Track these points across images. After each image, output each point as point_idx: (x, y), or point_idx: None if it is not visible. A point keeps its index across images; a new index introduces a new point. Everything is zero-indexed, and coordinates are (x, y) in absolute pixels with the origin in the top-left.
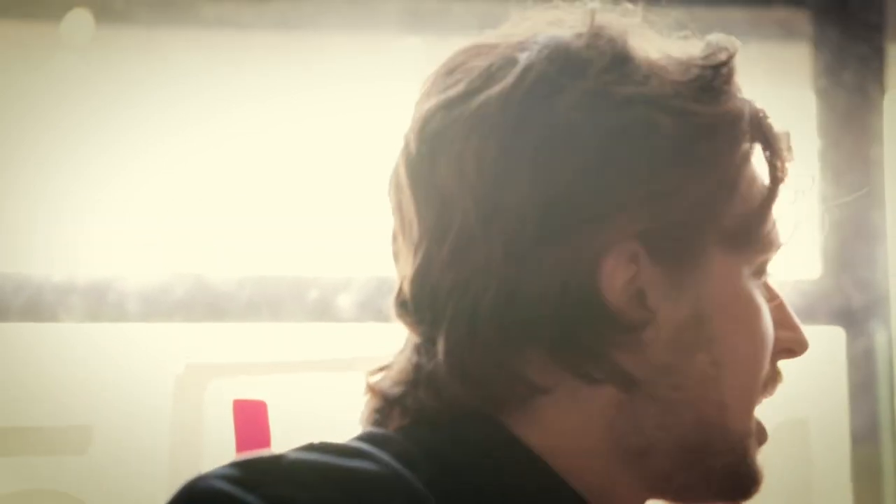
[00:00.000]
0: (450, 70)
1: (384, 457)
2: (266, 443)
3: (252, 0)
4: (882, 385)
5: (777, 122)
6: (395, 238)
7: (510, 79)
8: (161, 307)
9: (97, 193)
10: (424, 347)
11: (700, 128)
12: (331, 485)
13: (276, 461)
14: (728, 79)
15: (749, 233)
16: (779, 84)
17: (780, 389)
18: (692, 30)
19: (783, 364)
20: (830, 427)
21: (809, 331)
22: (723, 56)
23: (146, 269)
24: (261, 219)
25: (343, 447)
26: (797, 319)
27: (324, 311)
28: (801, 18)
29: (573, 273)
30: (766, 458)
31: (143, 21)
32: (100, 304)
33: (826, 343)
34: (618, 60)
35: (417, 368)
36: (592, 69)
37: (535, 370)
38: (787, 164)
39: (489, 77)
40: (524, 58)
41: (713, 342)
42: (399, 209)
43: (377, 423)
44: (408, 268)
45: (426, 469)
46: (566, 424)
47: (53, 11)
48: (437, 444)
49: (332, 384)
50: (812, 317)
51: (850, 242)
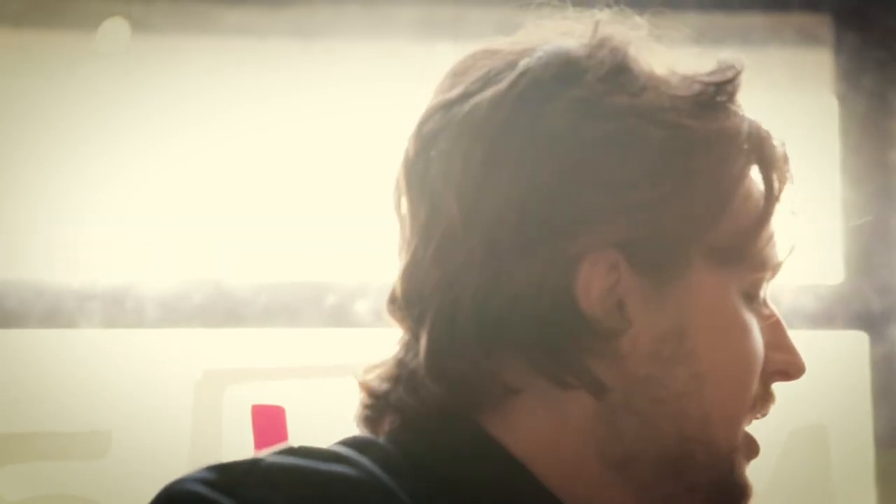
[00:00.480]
0: (454, 73)
1: (363, 461)
2: None
3: (267, 7)
4: None
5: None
6: (398, 237)
7: (504, 83)
8: (179, 313)
9: (114, 198)
10: (410, 345)
11: (693, 142)
12: (307, 489)
13: (254, 465)
14: (730, 96)
15: (739, 250)
16: (799, 89)
17: (801, 394)
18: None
19: (810, 368)
20: (853, 432)
21: (831, 335)
22: (729, 74)
23: (164, 276)
24: (278, 224)
25: (322, 451)
26: (793, 342)
27: (341, 317)
28: (822, 24)
29: (549, 278)
30: (786, 463)
31: (160, 29)
32: (118, 311)
33: (848, 347)
34: (615, 71)
35: (402, 365)
36: (587, 78)
37: (511, 372)
38: (785, 186)
39: (487, 81)
40: (522, 64)
41: (694, 356)
42: (398, 208)
43: (368, 421)
44: (400, 265)
45: (407, 474)
46: (542, 428)
47: (60, 18)
48: (419, 448)
49: (350, 389)
50: (834, 321)
51: (873, 247)
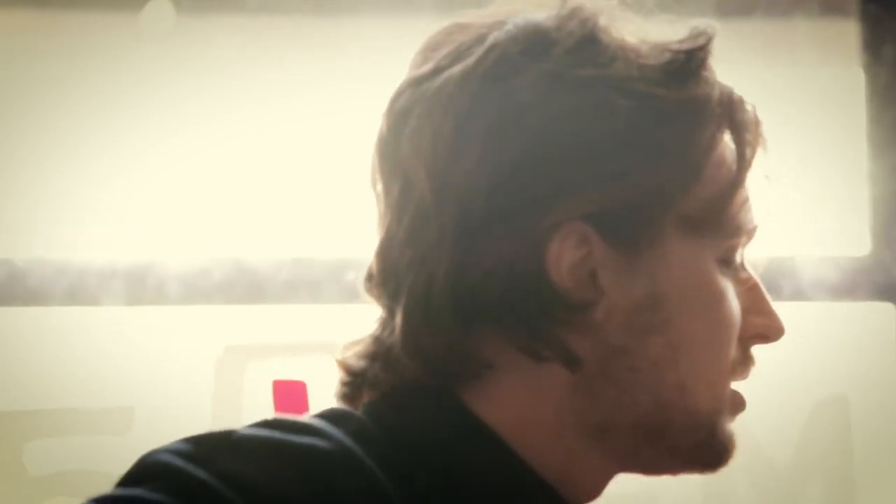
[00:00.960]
0: (426, 49)
1: (336, 433)
2: None
3: None
4: None
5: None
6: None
7: (472, 58)
8: (201, 290)
9: (138, 175)
10: (387, 322)
11: (662, 112)
12: (279, 460)
13: (226, 437)
14: (701, 63)
15: (713, 217)
16: (825, 61)
17: (826, 366)
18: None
19: (835, 339)
20: (878, 403)
21: (857, 307)
22: (700, 41)
23: (185, 253)
24: (299, 200)
25: (295, 423)
26: (772, 304)
27: (361, 293)
28: None
29: (520, 253)
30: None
31: (186, 8)
32: (140, 288)
33: (874, 319)
34: (584, 42)
35: (379, 342)
36: (556, 50)
37: (486, 347)
38: (758, 151)
39: (457, 56)
40: (491, 38)
41: (669, 325)
42: (374, 185)
43: (346, 398)
44: (376, 242)
45: (382, 446)
46: (518, 400)
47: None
48: (395, 421)
49: None
50: (860, 292)
51: None
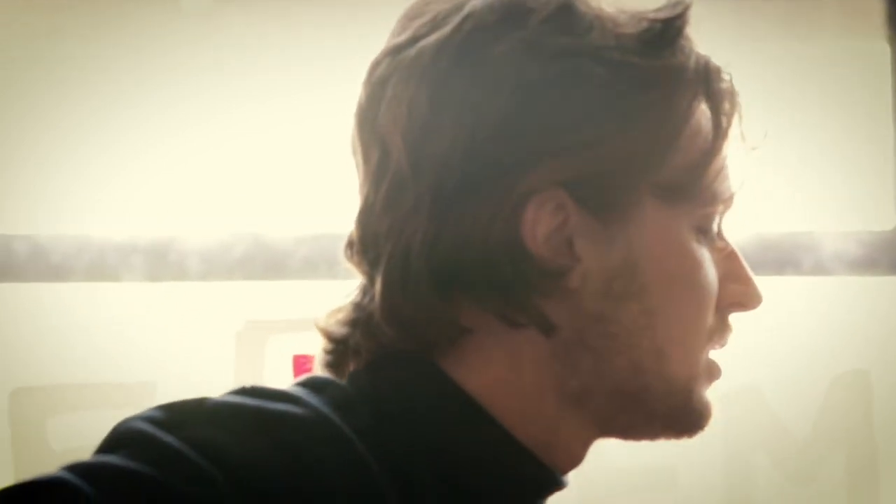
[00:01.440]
0: (405, 17)
1: (312, 401)
2: None
3: None
4: None
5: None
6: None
7: (448, 27)
8: (221, 266)
9: (161, 151)
10: (367, 289)
11: (638, 80)
12: (251, 427)
13: (200, 404)
14: (678, 32)
15: (689, 185)
16: (850, 35)
17: (845, 340)
18: None
19: (856, 314)
20: None
21: (878, 281)
22: (677, 9)
23: (206, 229)
24: (319, 176)
25: (271, 391)
26: (750, 272)
27: None
28: None
29: (496, 220)
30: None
31: None
32: (161, 264)
33: (894, 293)
34: (560, 11)
35: (360, 310)
36: (532, 19)
37: (464, 313)
38: (735, 120)
39: (434, 25)
40: (468, 6)
41: (645, 292)
42: (354, 154)
43: (330, 366)
44: (356, 211)
45: (362, 415)
46: (497, 367)
47: None
48: (374, 388)
49: None
50: (882, 267)
51: None
